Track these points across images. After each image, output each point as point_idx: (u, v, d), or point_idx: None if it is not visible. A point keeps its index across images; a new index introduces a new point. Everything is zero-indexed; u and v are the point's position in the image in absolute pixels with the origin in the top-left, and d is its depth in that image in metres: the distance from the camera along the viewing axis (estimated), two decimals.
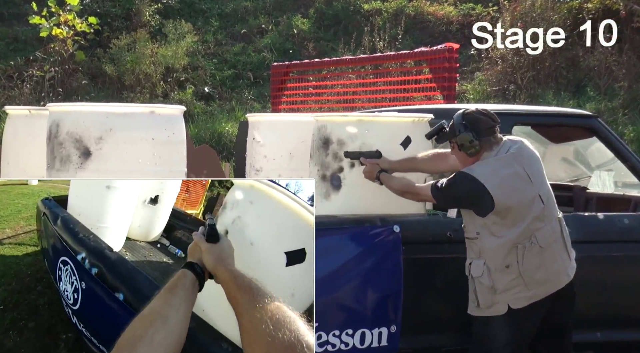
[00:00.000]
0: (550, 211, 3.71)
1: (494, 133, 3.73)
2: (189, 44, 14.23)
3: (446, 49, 8.42)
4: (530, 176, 3.67)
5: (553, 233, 3.70)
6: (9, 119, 4.78)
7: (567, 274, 3.74)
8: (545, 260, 3.65)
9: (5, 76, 13.17)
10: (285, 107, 10.44)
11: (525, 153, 3.73)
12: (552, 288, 3.68)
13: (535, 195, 3.66)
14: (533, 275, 3.63)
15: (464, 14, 14.90)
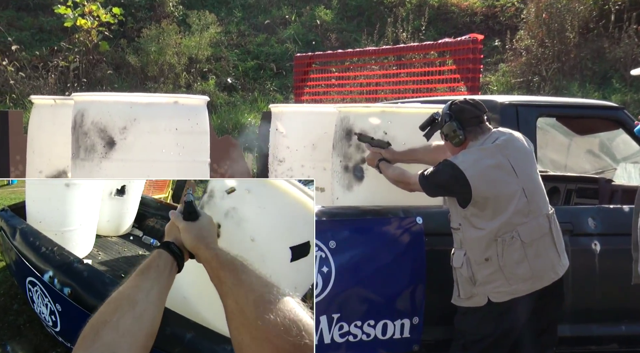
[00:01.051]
0: (536, 206, 3.64)
1: (480, 123, 3.69)
2: (212, 34, 14.25)
3: (470, 40, 8.36)
4: (515, 169, 3.61)
5: (539, 228, 3.62)
6: (35, 108, 4.82)
7: (555, 272, 3.66)
8: (529, 256, 3.58)
9: (30, 66, 13.27)
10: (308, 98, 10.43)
11: (512, 145, 3.67)
12: (535, 285, 3.60)
13: (518, 189, 3.59)
14: (514, 270, 3.57)
15: (488, 5, 14.79)
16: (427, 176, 3.69)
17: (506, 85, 12.75)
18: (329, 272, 3.81)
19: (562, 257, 3.71)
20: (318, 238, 3.81)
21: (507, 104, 4.47)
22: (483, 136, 3.69)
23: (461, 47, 8.45)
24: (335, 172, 4.40)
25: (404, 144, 4.19)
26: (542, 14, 12.78)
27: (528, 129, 4.36)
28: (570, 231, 4.17)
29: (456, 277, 3.74)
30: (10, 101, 12.39)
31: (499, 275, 3.58)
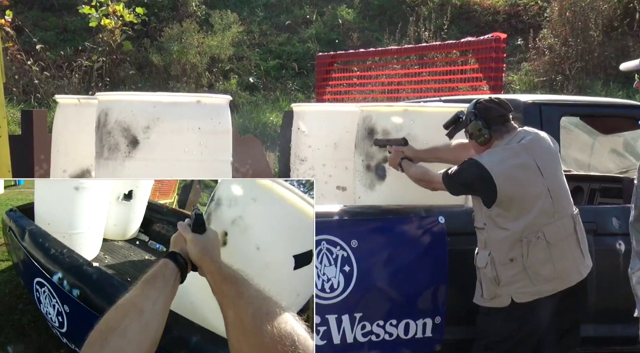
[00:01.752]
0: (562, 206, 3.62)
1: (505, 122, 3.68)
2: (234, 34, 14.30)
3: (493, 39, 8.32)
4: (541, 169, 3.59)
5: (564, 229, 3.60)
6: (59, 108, 4.86)
7: (579, 272, 3.64)
8: (553, 257, 3.56)
9: (54, 66, 13.39)
10: (329, 98, 10.43)
11: (538, 144, 3.65)
12: (559, 285, 3.59)
13: (544, 189, 3.58)
14: (539, 270, 3.55)
15: (511, 3, 14.72)
16: (452, 174, 3.68)
17: (529, 84, 12.68)
18: (351, 271, 3.81)
19: (586, 258, 3.69)
20: (340, 237, 3.81)
21: (530, 104, 4.45)
22: (509, 135, 3.68)
23: (484, 46, 8.41)
24: (357, 171, 4.40)
25: (426, 144, 4.19)
26: (566, 12, 12.69)
27: (551, 129, 4.34)
28: (595, 230, 4.14)
29: (480, 277, 3.73)
30: (35, 101, 12.50)
31: (523, 275, 3.57)
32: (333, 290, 3.82)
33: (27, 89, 12.88)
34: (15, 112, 11.43)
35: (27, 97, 12.68)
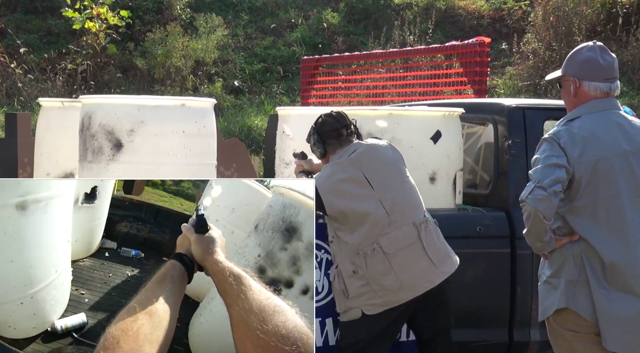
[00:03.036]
0: (400, 216, 3.57)
1: (339, 136, 3.68)
2: (219, 37, 14.28)
3: (477, 43, 8.36)
4: (370, 181, 3.58)
5: (403, 238, 3.55)
6: (43, 111, 4.83)
7: (429, 280, 3.56)
8: (394, 267, 3.52)
9: (38, 69, 13.31)
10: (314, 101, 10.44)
11: (368, 157, 3.63)
12: (407, 295, 3.54)
13: (374, 201, 3.56)
14: (381, 282, 3.52)
15: (495, 8, 14.78)
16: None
17: (513, 88, 12.74)
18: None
19: (439, 265, 3.60)
20: (324, 241, 3.81)
21: (514, 108, 4.47)
22: (341, 150, 3.68)
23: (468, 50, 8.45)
24: None
25: (410, 147, 4.20)
26: (550, 17, 12.76)
27: (535, 133, 4.36)
28: None
29: (333, 291, 3.73)
30: (19, 104, 12.43)
31: (368, 288, 3.54)
32: (318, 293, 3.83)
33: (11, 92, 12.80)
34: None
35: (10, 100, 12.60)
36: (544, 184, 2.96)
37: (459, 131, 4.41)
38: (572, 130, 3.09)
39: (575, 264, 3.08)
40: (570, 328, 3.09)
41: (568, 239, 3.10)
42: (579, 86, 3.18)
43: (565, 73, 3.25)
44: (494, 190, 4.43)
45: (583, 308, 3.05)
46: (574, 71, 3.21)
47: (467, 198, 4.46)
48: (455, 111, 4.38)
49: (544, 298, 3.19)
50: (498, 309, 4.22)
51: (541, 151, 3.10)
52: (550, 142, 3.08)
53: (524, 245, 4.13)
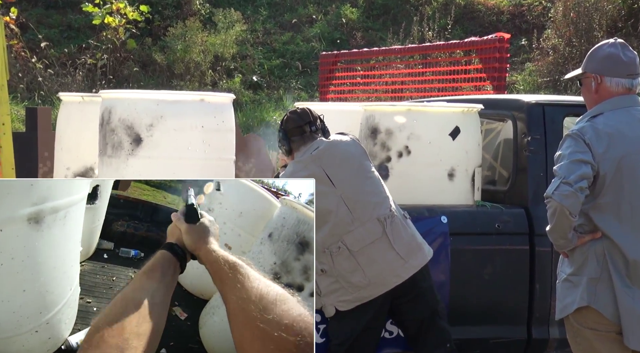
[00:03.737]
0: (362, 212, 3.53)
1: (302, 133, 3.64)
2: (238, 32, 14.30)
3: (497, 39, 8.32)
4: (332, 178, 3.55)
5: (367, 235, 3.52)
6: (63, 105, 4.86)
7: (397, 275, 3.53)
8: (361, 264, 3.49)
9: (58, 64, 13.40)
10: (333, 97, 10.44)
11: (329, 153, 3.59)
12: (376, 290, 3.51)
13: (336, 198, 3.53)
14: (349, 279, 3.50)
15: (515, 4, 14.70)
16: None
17: (533, 84, 12.67)
18: None
19: (407, 259, 3.56)
20: None
21: (533, 104, 4.45)
22: (305, 147, 3.64)
23: (487, 46, 8.41)
24: None
25: (429, 143, 4.19)
26: (570, 12, 12.67)
27: (555, 129, 4.34)
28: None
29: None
30: (39, 98, 12.52)
31: (338, 285, 3.53)
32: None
33: (31, 86, 12.89)
34: (19, 110, 11.45)
35: (31, 94, 12.69)
36: (570, 180, 2.94)
37: (478, 127, 4.40)
38: (596, 126, 3.07)
39: (598, 262, 3.06)
40: (590, 326, 3.08)
41: (590, 237, 3.08)
42: (600, 82, 3.17)
43: (585, 70, 3.24)
44: (512, 187, 4.41)
45: (604, 306, 3.03)
46: (595, 67, 3.20)
47: (485, 195, 4.44)
48: (474, 107, 4.37)
49: (564, 296, 3.17)
50: (517, 306, 4.20)
51: (565, 147, 3.07)
52: (575, 138, 3.06)
53: (543, 242, 4.12)
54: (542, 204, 4.18)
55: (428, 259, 3.64)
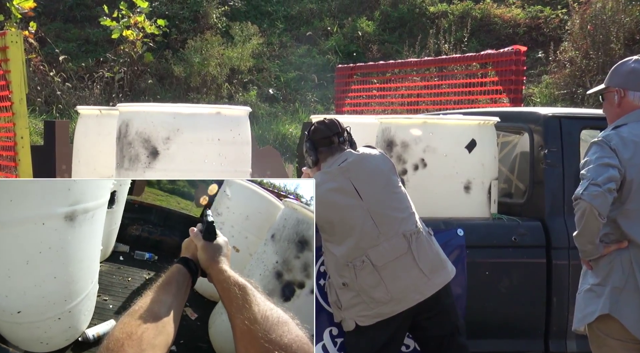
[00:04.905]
0: (389, 227, 3.51)
1: (330, 144, 3.63)
2: (254, 45, 14.36)
3: (513, 52, 8.30)
4: (359, 192, 3.52)
5: (392, 250, 3.48)
6: (81, 118, 4.90)
7: (420, 292, 3.50)
8: (385, 279, 3.46)
9: (76, 77, 13.50)
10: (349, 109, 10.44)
11: (358, 166, 3.57)
12: (397, 307, 3.48)
13: (363, 212, 3.50)
14: (371, 294, 3.47)
15: (531, 16, 14.68)
16: None
17: (549, 97, 12.63)
18: None
19: (431, 276, 3.54)
20: None
21: (550, 116, 4.43)
22: (332, 158, 3.62)
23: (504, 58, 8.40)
24: None
25: (445, 156, 4.18)
26: (587, 25, 12.64)
27: (571, 142, 4.33)
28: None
29: (330, 302, 3.70)
30: (57, 111, 12.61)
31: (359, 299, 3.50)
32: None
33: (49, 99, 12.99)
34: (37, 123, 11.54)
35: (49, 107, 12.79)
36: (598, 182, 2.96)
37: (494, 140, 4.39)
38: (621, 134, 3.11)
39: (624, 271, 3.05)
40: (616, 336, 3.06)
41: (616, 246, 3.07)
42: (624, 95, 3.21)
43: (609, 84, 3.26)
44: (529, 200, 4.39)
45: (626, 316, 3.02)
46: (619, 81, 3.23)
47: (502, 208, 4.43)
48: (490, 119, 4.36)
49: (585, 305, 3.15)
50: (534, 319, 4.18)
51: (591, 153, 3.10)
52: (601, 144, 3.09)
53: (560, 255, 4.11)
54: (558, 217, 4.18)
55: (451, 277, 3.62)
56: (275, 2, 16.54)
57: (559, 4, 14.66)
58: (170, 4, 15.18)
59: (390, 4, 15.87)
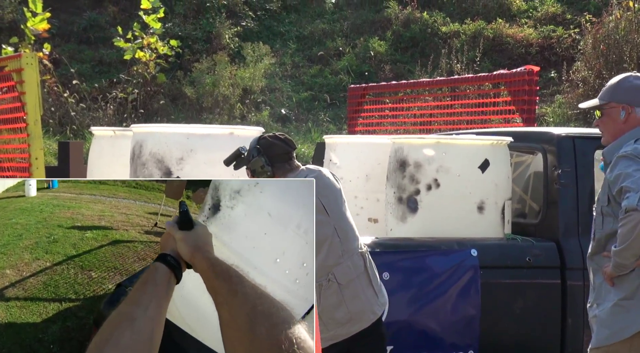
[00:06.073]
0: (350, 245, 3.44)
1: (289, 159, 3.53)
2: (266, 66, 14.43)
3: (526, 72, 8.29)
4: (326, 208, 3.44)
5: (354, 268, 3.42)
6: (95, 139, 4.93)
7: (373, 312, 3.44)
8: (346, 298, 3.38)
9: (90, 98, 13.59)
10: (361, 129, 10.45)
11: (322, 183, 3.48)
12: (353, 328, 3.40)
13: (331, 228, 3.42)
14: (332, 314, 3.37)
15: (544, 36, 14.69)
16: None
17: (563, 117, 12.61)
18: None
19: (379, 295, 3.49)
20: None
21: (563, 136, 4.42)
22: (292, 173, 3.51)
23: (516, 78, 8.39)
24: (389, 203, 4.39)
25: (458, 176, 4.18)
26: (600, 45, 12.63)
27: (585, 162, 4.31)
28: None
29: None
30: (71, 132, 12.68)
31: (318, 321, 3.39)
32: None
33: (63, 120, 13.07)
34: (51, 144, 11.61)
35: (62, 128, 12.87)
36: None
37: (508, 160, 4.38)
38: None
39: None
40: None
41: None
42: (631, 112, 3.18)
43: (611, 100, 3.25)
44: (543, 220, 4.37)
45: None
46: (625, 97, 3.22)
47: (516, 228, 4.41)
48: (503, 139, 4.35)
49: (613, 321, 3.09)
50: (548, 341, 4.14)
51: (623, 166, 3.06)
52: (631, 158, 3.07)
53: (575, 276, 4.08)
54: (573, 237, 4.16)
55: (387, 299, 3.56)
56: (288, 23, 16.63)
57: (571, 24, 14.67)
58: (183, 25, 15.29)
59: (402, 24, 15.92)
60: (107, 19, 15.64)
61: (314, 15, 16.88)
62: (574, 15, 14.95)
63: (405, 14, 15.96)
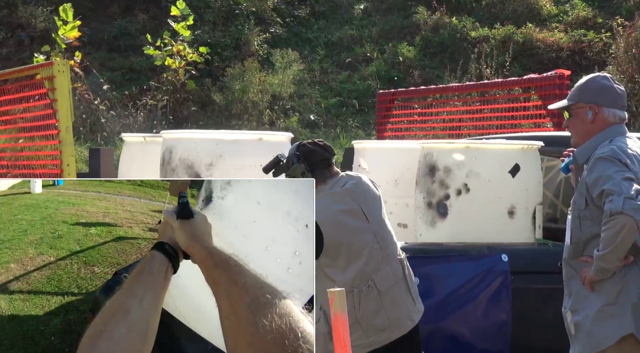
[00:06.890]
0: (389, 251, 3.43)
1: (328, 166, 3.51)
2: (295, 72, 14.46)
3: (557, 76, 8.22)
4: (367, 214, 3.42)
5: (393, 275, 3.41)
6: (126, 145, 4.97)
7: (411, 318, 3.43)
8: (385, 305, 3.36)
9: (120, 105, 13.72)
10: (390, 135, 10.42)
11: (362, 189, 3.47)
12: (393, 334, 3.38)
13: (371, 235, 3.40)
14: (372, 321, 3.35)
15: (574, 40, 14.56)
16: None
17: None
18: None
19: (417, 303, 3.48)
20: None
21: None
22: (332, 180, 3.49)
23: (547, 83, 8.32)
24: (418, 208, 4.38)
25: (488, 181, 4.15)
26: (632, 49, 12.49)
27: None
28: None
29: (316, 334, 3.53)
30: (102, 139, 12.80)
31: (356, 327, 3.32)
32: None
33: (94, 127, 13.20)
34: (82, 151, 11.73)
35: (93, 135, 12.99)
36: (631, 195, 2.88)
37: (538, 164, 4.34)
38: (622, 148, 3.06)
39: (638, 286, 2.99)
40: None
41: (625, 261, 3.00)
42: (598, 112, 3.17)
43: (579, 100, 3.23)
44: None
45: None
46: (592, 97, 3.22)
47: (547, 233, 4.36)
48: (534, 144, 4.32)
49: (599, 329, 3.05)
50: None
51: (601, 168, 3.01)
52: (610, 160, 3.03)
53: None
54: None
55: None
56: (316, 29, 16.66)
57: (602, 28, 14.52)
58: (212, 32, 15.38)
59: (431, 29, 15.88)
60: (137, 27, 15.78)
61: (343, 22, 16.89)
62: (605, 19, 14.81)
63: (434, 19, 15.91)
